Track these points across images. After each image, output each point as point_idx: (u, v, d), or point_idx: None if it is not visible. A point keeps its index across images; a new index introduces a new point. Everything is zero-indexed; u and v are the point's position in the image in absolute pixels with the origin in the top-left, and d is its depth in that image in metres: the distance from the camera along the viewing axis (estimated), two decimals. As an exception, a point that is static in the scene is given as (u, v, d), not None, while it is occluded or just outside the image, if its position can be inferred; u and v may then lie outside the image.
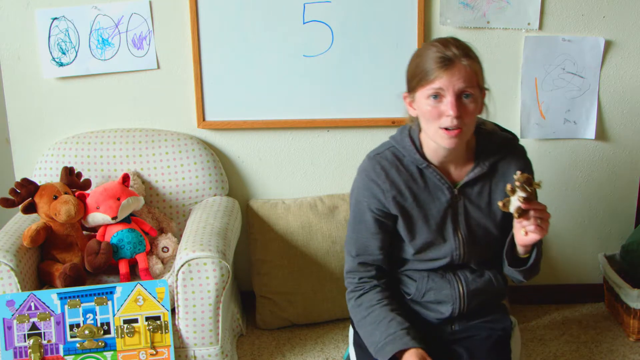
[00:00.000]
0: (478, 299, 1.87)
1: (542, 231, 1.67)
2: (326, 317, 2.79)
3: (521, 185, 1.61)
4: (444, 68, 1.67)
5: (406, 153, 1.82)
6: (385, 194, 1.80)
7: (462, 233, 1.82)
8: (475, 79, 1.70)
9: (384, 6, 2.60)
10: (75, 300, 2.21)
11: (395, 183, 1.80)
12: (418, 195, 1.80)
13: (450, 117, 1.68)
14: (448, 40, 1.73)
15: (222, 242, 2.29)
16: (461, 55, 1.69)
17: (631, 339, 2.67)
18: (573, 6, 2.63)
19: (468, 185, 1.82)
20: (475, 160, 1.83)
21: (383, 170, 1.81)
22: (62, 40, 2.64)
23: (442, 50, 1.69)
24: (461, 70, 1.68)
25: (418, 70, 1.73)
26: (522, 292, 2.90)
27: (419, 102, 1.74)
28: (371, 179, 1.82)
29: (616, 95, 2.73)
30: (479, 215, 1.82)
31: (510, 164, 1.84)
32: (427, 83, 1.69)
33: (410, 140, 1.82)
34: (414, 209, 1.80)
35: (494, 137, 1.86)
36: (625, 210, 2.87)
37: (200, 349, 2.29)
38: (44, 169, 2.64)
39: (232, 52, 2.64)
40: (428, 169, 1.80)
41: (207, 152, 2.68)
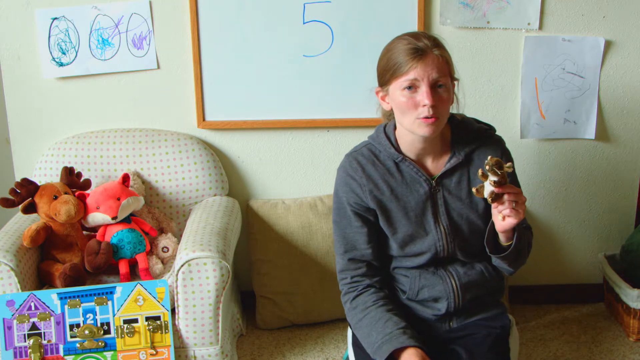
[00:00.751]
0: (472, 292, 1.88)
1: (517, 214, 1.67)
2: (326, 317, 2.79)
3: (491, 168, 1.62)
4: (417, 59, 1.71)
5: (382, 148, 1.86)
6: (363, 188, 1.83)
7: (444, 224, 1.83)
8: (447, 68, 1.75)
9: (384, 6, 2.60)
10: (75, 300, 2.21)
11: (372, 177, 1.84)
12: (395, 188, 1.83)
13: (426, 106, 1.71)
14: (417, 33, 1.77)
15: (222, 242, 2.29)
16: (432, 45, 1.73)
17: (631, 339, 2.67)
18: (573, 6, 2.63)
19: (446, 176, 1.84)
20: (451, 151, 1.86)
21: (359, 165, 1.85)
22: (62, 40, 2.64)
23: (413, 42, 1.73)
24: (434, 60, 1.72)
25: (391, 63, 1.76)
26: (522, 292, 2.91)
27: (394, 95, 1.77)
28: (348, 175, 1.85)
29: (616, 95, 2.73)
30: (460, 206, 1.84)
31: (486, 153, 1.85)
32: (401, 75, 1.73)
33: (385, 136, 1.87)
34: (392, 202, 1.83)
35: (468, 127, 1.89)
36: (625, 210, 2.87)
37: (200, 349, 2.29)
38: (44, 169, 2.64)
39: (232, 52, 2.64)
40: (404, 162, 1.84)
41: (207, 152, 2.68)
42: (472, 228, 1.85)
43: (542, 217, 2.84)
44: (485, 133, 1.90)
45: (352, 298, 1.85)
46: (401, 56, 1.73)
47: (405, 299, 1.90)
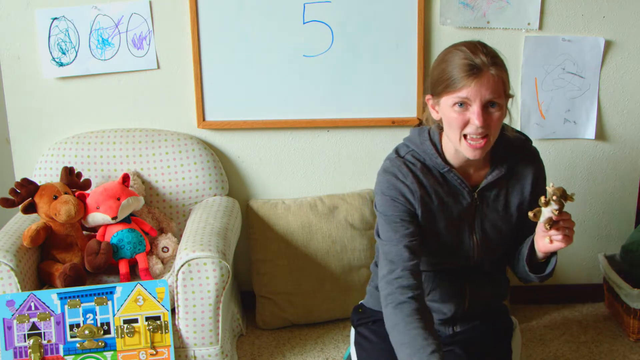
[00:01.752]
0: (481, 300, 1.87)
1: (569, 240, 1.64)
2: (326, 317, 2.79)
3: (558, 199, 1.60)
4: (472, 77, 1.63)
5: (427, 157, 1.79)
6: (414, 194, 1.76)
7: (477, 236, 1.81)
8: (502, 87, 1.67)
9: (384, 6, 2.60)
10: (75, 300, 2.21)
11: (423, 184, 1.77)
12: (443, 198, 1.78)
13: (475, 125, 1.65)
14: (476, 46, 1.68)
15: (222, 242, 2.29)
16: (489, 63, 1.64)
17: (631, 339, 2.67)
18: (573, 6, 2.63)
19: (486, 189, 1.80)
20: (492, 163, 1.81)
21: (410, 171, 1.77)
22: (62, 40, 2.64)
23: (470, 57, 1.65)
24: (489, 80, 1.64)
25: (444, 76, 1.68)
26: (522, 292, 2.90)
27: (444, 108, 1.71)
28: (398, 179, 1.77)
29: (616, 95, 2.73)
30: (495, 218, 1.81)
31: (526, 167, 1.82)
32: (454, 91, 1.66)
33: (431, 144, 1.79)
34: (439, 212, 1.78)
35: (510, 139, 1.83)
36: (625, 210, 2.87)
37: (200, 349, 2.29)
38: (44, 169, 2.64)
39: (232, 52, 2.64)
40: (449, 173, 1.78)
41: (207, 152, 2.68)
42: (502, 239, 1.83)
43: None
44: (524, 145, 1.86)
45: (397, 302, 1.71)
46: (456, 71, 1.65)
47: None
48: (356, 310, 2.04)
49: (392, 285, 1.72)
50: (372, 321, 1.96)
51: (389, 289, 1.72)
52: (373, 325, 1.94)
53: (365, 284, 2.72)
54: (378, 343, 1.88)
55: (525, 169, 1.82)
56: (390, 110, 2.70)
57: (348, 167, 2.80)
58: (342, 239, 2.72)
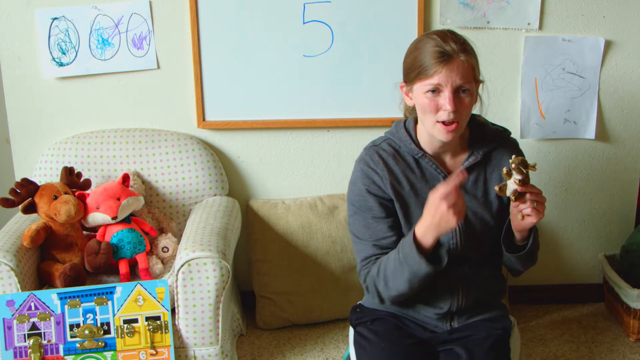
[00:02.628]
0: (476, 294, 1.88)
1: (538, 214, 1.69)
2: (326, 317, 2.79)
3: (517, 167, 1.64)
4: (442, 64, 1.70)
5: (402, 144, 1.86)
6: (384, 180, 1.83)
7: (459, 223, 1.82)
8: (472, 73, 1.74)
9: (384, 6, 2.60)
10: (75, 300, 2.21)
11: (393, 171, 1.84)
12: (415, 184, 1.84)
13: (447, 111, 1.72)
14: (446, 34, 1.75)
15: (222, 242, 2.29)
16: (459, 50, 1.72)
17: (631, 339, 2.67)
18: (573, 6, 2.63)
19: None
20: (469, 149, 1.87)
21: (381, 158, 1.85)
22: (62, 40, 2.64)
23: (440, 45, 1.72)
24: (459, 66, 1.71)
25: (416, 63, 1.75)
26: (522, 292, 2.91)
27: (417, 94, 1.78)
28: (369, 167, 1.85)
29: (616, 95, 2.73)
30: (475, 205, 1.85)
31: (503, 154, 1.87)
32: (426, 78, 1.73)
33: (405, 131, 1.87)
34: (411, 197, 1.83)
35: (487, 127, 1.90)
36: (625, 210, 2.87)
37: (200, 349, 2.29)
38: (44, 169, 2.64)
39: (232, 52, 2.64)
40: (424, 158, 1.84)
41: (207, 152, 2.68)
42: (486, 227, 1.86)
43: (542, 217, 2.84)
44: (502, 134, 1.91)
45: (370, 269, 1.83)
46: (427, 58, 1.72)
47: None
48: (354, 310, 2.04)
49: (366, 268, 1.85)
50: (371, 320, 1.96)
51: (364, 273, 1.85)
52: (372, 325, 1.94)
53: (365, 284, 2.73)
54: (377, 342, 1.88)
55: (503, 156, 1.86)
56: (390, 110, 2.68)
57: (348, 167, 2.78)
58: (342, 239, 2.72)
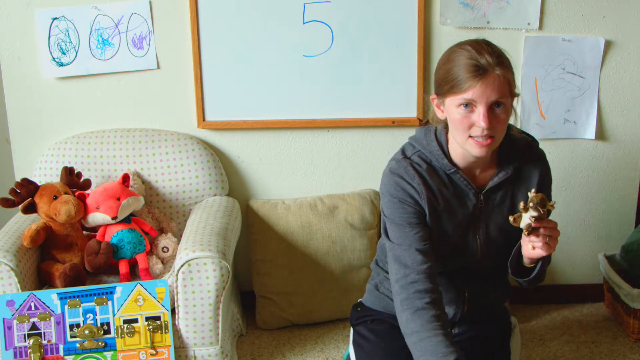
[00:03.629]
0: (481, 303, 1.87)
1: (549, 249, 1.65)
2: (326, 317, 2.79)
3: (535, 206, 1.60)
4: (477, 78, 1.61)
5: (433, 158, 1.77)
6: (421, 195, 1.74)
7: (481, 239, 1.80)
8: (507, 88, 1.65)
9: (384, 6, 2.60)
10: (75, 300, 2.21)
11: (429, 186, 1.75)
12: (449, 200, 1.76)
13: (481, 127, 1.63)
14: (481, 45, 1.66)
15: (222, 242, 2.29)
16: (495, 63, 1.62)
17: (631, 339, 2.67)
18: (573, 6, 2.63)
19: (492, 190, 1.79)
20: (499, 165, 1.79)
21: (416, 172, 1.75)
22: (62, 40, 2.64)
23: (475, 57, 1.62)
24: (495, 81, 1.62)
25: (450, 76, 1.66)
26: (522, 292, 2.88)
27: (449, 109, 1.69)
28: (404, 180, 1.75)
29: (616, 95, 2.73)
30: (500, 220, 1.80)
31: (532, 169, 1.81)
32: (459, 92, 1.64)
33: (437, 144, 1.77)
34: (444, 212, 1.76)
35: (516, 141, 1.81)
36: (625, 210, 2.87)
37: (200, 349, 2.29)
38: (44, 169, 2.64)
39: (232, 52, 2.64)
40: (456, 174, 1.76)
41: (207, 152, 2.68)
42: (508, 242, 1.81)
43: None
44: (531, 147, 1.84)
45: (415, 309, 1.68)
46: (461, 71, 1.63)
47: None
48: (355, 309, 2.03)
49: (407, 290, 1.69)
50: (371, 320, 1.96)
51: (405, 294, 1.69)
52: (372, 324, 1.94)
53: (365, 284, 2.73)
54: (377, 342, 1.88)
55: (532, 171, 1.80)
56: (390, 110, 2.70)
57: (348, 167, 2.80)
58: (342, 239, 2.72)
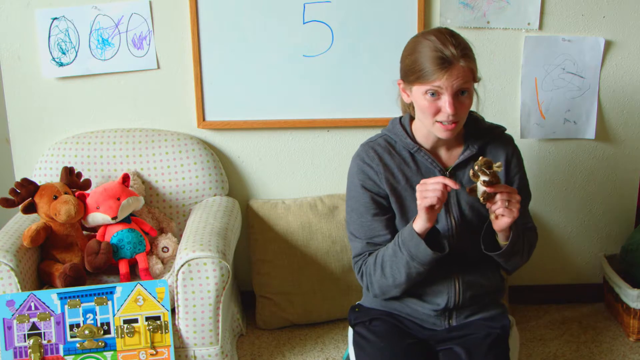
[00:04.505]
0: (473, 290, 1.89)
1: (511, 213, 1.70)
2: (326, 317, 2.79)
3: (480, 168, 1.65)
4: (442, 70, 1.72)
5: (397, 139, 1.89)
6: (379, 175, 1.85)
7: (454, 215, 1.85)
8: (471, 76, 1.76)
9: (384, 6, 2.60)
10: (75, 300, 2.21)
11: (388, 166, 1.86)
12: (410, 178, 1.86)
13: (447, 113, 1.74)
14: (445, 37, 1.75)
15: (222, 242, 2.29)
16: (459, 56, 1.73)
17: (631, 339, 2.67)
18: (573, 6, 2.63)
19: (459, 169, 1.87)
20: (465, 144, 1.89)
21: (376, 153, 1.88)
22: (62, 40, 2.64)
23: (440, 49, 1.72)
24: (459, 72, 1.73)
25: (416, 67, 1.77)
26: (522, 292, 2.91)
27: (416, 95, 1.79)
28: (365, 162, 1.88)
29: (616, 95, 2.73)
30: (471, 199, 1.85)
31: (498, 148, 1.90)
32: (426, 82, 1.75)
33: (401, 127, 1.90)
34: (406, 190, 1.85)
35: (482, 122, 1.93)
36: (625, 210, 2.87)
37: (200, 349, 2.29)
38: (44, 169, 2.64)
39: (232, 52, 2.64)
40: (419, 152, 1.86)
41: (207, 152, 2.68)
42: (482, 221, 1.86)
43: (542, 217, 2.84)
44: (496, 130, 1.94)
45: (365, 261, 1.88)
46: (427, 63, 1.73)
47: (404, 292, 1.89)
48: (353, 310, 2.04)
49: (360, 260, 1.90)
50: (369, 320, 1.96)
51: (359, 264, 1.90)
52: (370, 324, 1.95)
53: (365, 284, 2.73)
54: (376, 342, 1.88)
55: (498, 150, 1.89)
56: (390, 110, 2.68)
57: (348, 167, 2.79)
58: (342, 239, 2.72)
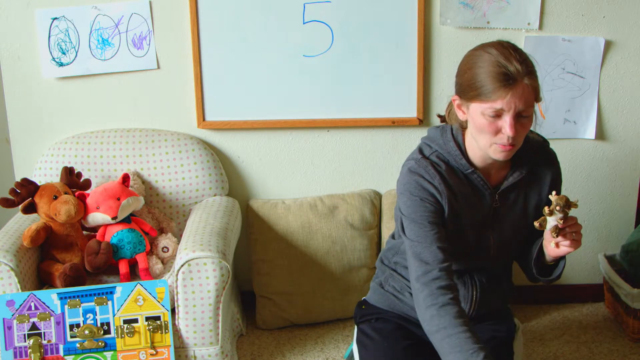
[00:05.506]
0: (487, 307, 1.88)
1: (577, 244, 1.66)
2: (326, 317, 2.79)
3: (561, 209, 1.62)
4: (506, 89, 1.59)
5: (451, 158, 1.77)
6: (442, 195, 1.74)
7: (495, 237, 1.81)
8: (534, 96, 1.64)
9: (384, 6, 2.60)
10: (75, 300, 2.21)
11: (449, 185, 1.75)
12: (467, 199, 1.77)
13: (507, 135, 1.63)
14: (509, 51, 1.63)
15: (222, 242, 2.29)
16: (524, 73, 1.60)
17: (631, 339, 2.67)
18: (573, 6, 2.63)
19: (507, 190, 1.80)
20: (513, 165, 1.79)
21: (437, 172, 1.75)
22: (62, 40, 2.64)
23: (504, 65, 1.60)
24: (524, 91, 1.60)
25: (476, 83, 1.64)
26: (522, 292, 2.90)
27: (474, 114, 1.67)
28: (426, 180, 1.74)
29: (616, 95, 2.73)
30: (513, 219, 1.81)
31: (545, 169, 1.82)
32: (487, 101, 1.62)
33: (455, 145, 1.77)
34: (463, 212, 1.77)
35: (530, 141, 1.81)
36: (625, 210, 2.87)
37: (200, 349, 2.29)
38: (44, 169, 2.64)
39: (232, 52, 2.64)
40: (473, 174, 1.77)
41: (207, 152, 2.68)
42: (519, 241, 1.84)
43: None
44: (543, 147, 1.85)
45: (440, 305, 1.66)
46: (489, 80, 1.61)
47: None
48: (359, 306, 2.03)
49: (430, 287, 1.68)
50: (375, 319, 1.96)
51: (428, 290, 1.68)
52: (376, 323, 1.94)
53: (365, 284, 2.73)
54: (380, 342, 1.88)
55: (544, 171, 1.82)
56: (390, 110, 2.70)
57: (348, 167, 2.80)
58: (342, 239, 2.72)
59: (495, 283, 1.88)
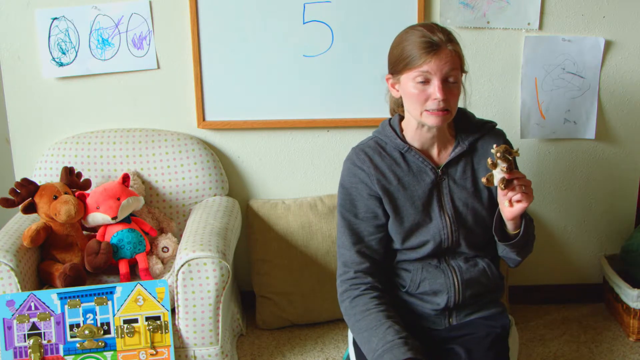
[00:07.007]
0: (473, 289, 1.89)
1: (528, 197, 1.72)
2: (326, 317, 2.79)
3: (502, 155, 1.66)
4: (431, 53, 1.74)
5: (387, 140, 1.90)
6: (370, 177, 1.86)
7: (449, 213, 1.86)
8: (459, 62, 1.80)
9: (384, 6, 2.60)
10: (75, 300, 2.21)
11: (379, 167, 1.87)
12: (402, 178, 1.86)
13: (437, 100, 1.75)
14: (431, 25, 1.80)
15: (222, 242, 2.29)
16: (446, 40, 1.77)
17: (631, 339, 2.67)
18: (573, 6, 2.63)
19: (451, 165, 1.89)
20: (455, 141, 1.90)
21: (366, 156, 1.89)
22: (62, 40, 2.64)
23: (428, 35, 1.76)
24: (447, 55, 1.75)
25: (404, 54, 1.79)
26: (522, 292, 2.91)
27: (405, 85, 1.81)
28: (356, 165, 1.89)
29: (616, 95, 2.73)
30: (465, 195, 1.87)
31: (490, 143, 1.89)
32: (415, 67, 1.77)
33: (390, 128, 1.91)
34: (399, 191, 1.86)
35: (472, 118, 1.95)
36: (625, 210, 2.87)
37: (200, 349, 2.29)
38: (44, 169, 2.64)
39: (232, 52, 2.64)
40: (410, 152, 1.88)
41: (207, 152, 2.68)
42: (477, 218, 1.88)
43: (542, 217, 2.84)
44: (487, 125, 1.95)
45: (353, 297, 1.84)
46: (415, 49, 1.76)
47: (404, 293, 1.90)
48: None
49: (345, 284, 1.86)
50: None
51: (343, 287, 1.87)
52: None
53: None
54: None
55: (490, 145, 1.88)
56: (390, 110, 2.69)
57: (348, 167, 2.80)
58: (342, 239, 2.72)
59: (475, 268, 1.90)
